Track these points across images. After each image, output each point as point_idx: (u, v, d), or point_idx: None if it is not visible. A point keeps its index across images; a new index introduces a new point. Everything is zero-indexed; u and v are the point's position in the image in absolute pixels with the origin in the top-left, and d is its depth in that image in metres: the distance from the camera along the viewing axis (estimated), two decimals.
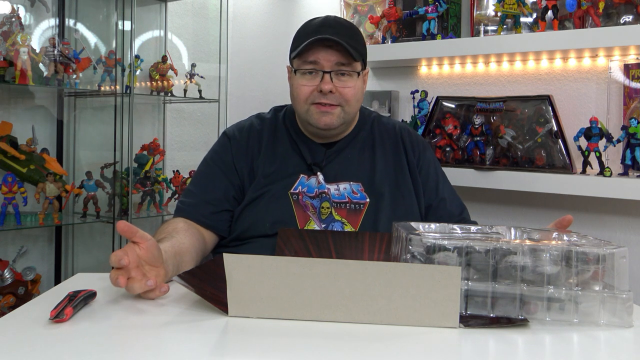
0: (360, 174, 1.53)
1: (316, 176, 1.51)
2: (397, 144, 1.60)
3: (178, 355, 0.89)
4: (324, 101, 1.46)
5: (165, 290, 1.10)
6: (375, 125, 1.62)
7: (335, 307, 1.00)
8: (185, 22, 2.98)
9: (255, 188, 1.50)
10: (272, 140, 1.56)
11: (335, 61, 1.46)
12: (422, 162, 1.59)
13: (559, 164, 1.86)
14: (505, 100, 1.98)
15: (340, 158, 1.55)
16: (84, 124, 2.67)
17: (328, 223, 1.47)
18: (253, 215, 1.48)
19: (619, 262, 1.03)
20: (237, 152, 1.55)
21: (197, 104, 2.93)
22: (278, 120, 1.60)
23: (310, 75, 1.47)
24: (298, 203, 1.48)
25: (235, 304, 1.01)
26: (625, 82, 1.83)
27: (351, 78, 1.48)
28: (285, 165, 1.52)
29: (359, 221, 1.48)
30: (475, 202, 2.18)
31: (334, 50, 1.45)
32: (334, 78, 1.46)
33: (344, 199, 1.49)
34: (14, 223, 2.23)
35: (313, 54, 1.46)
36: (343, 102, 1.48)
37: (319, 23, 1.50)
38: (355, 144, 1.57)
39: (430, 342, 0.95)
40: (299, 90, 1.49)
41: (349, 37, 1.47)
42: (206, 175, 1.55)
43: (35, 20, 2.49)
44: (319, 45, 1.45)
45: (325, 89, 1.45)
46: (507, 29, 1.99)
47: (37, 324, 0.97)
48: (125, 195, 2.52)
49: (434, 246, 1.04)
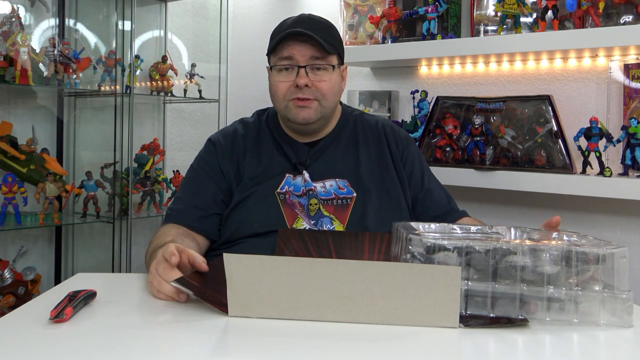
0: (345, 170, 1.55)
1: (302, 175, 1.53)
2: (381, 140, 1.61)
3: (178, 355, 0.89)
4: (301, 96, 1.49)
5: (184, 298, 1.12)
6: (359, 122, 1.64)
7: (336, 307, 1.00)
8: (185, 22, 2.98)
9: (241, 190, 1.52)
10: (256, 143, 1.59)
11: (310, 55, 1.49)
12: (406, 156, 1.61)
13: (559, 164, 1.86)
14: (505, 100, 1.98)
15: (324, 156, 1.57)
16: (84, 124, 2.67)
17: (317, 219, 1.48)
18: (241, 217, 1.50)
19: (619, 262, 1.03)
20: (222, 156, 1.57)
21: (197, 104, 2.93)
22: (261, 123, 1.63)
23: (287, 71, 1.50)
24: (285, 202, 1.50)
25: (235, 304, 1.01)
26: (625, 82, 1.83)
27: (326, 72, 1.51)
28: (271, 166, 1.54)
29: (347, 216, 1.50)
30: (475, 202, 2.18)
31: (308, 44, 1.48)
32: (309, 72, 1.49)
33: (330, 196, 1.51)
34: (14, 223, 2.23)
35: (287, 49, 1.49)
36: (319, 96, 1.50)
37: (293, 20, 1.54)
38: (338, 142, 1.59)
39: (430, 342, 0.95)
40: (276, 87, 1.52)
41: (322, 31, 1.51)
42: (193, 181, 1.57)
43: (35, 20, 2.49)
44: (293, 40, 1.48)
45: (300, 83, 1.48)
46: (507, 29, 1.98)
47: (37, 324, 0.97)
48: (125, 195, 2.52)
49: (434, 246, 1.04)
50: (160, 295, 1.12)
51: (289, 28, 1.50)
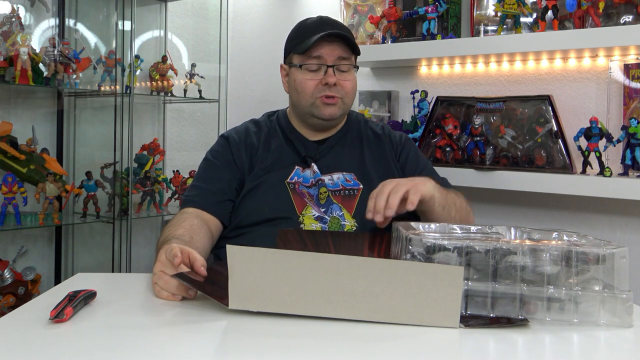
0: (352, 165, 1.62)
1: (310, 167, 1.59)
2: (382, 141, 1.69)
3: (178, 356, 0.89)
4: (329, 93, 1.57)
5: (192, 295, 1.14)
6: (362, 124, 1.73)
7: (337, 302, 1.00)
8: (185, 22, 2.98)
9: (252, 178, 1.58)
10: (268, 138, 1.66)
11: (337, 55, 1.57)
12: (400, 151, 1.69)
13: (559, 164, 1.86)
14: (505, 100, 1.98)
15: (332, 152, 1.64)
16: (84, 124, 2.67)
17: (327, 207, 1.54)
18: (251, 204, 1.55)
19: (619, 262, 1.03)
20: (236, 150, 1.63)
21: (197, 104, 2.93)
22: (272, 122, 1.71)
23: (314, 70, 1.58)
24: (295, 191, 1.56)
25: (236, 296, 1.01)
26: (625, 82, 1.83)
27: (349, 72, 1.60)
28: (281, 158, 1.61)
29: (354, 206, 1.55)
30: (475, 202, 2.17)
31: (336, 45, 1.56)
32: (335, 72, 1.57)
33: (338, 187, 1.58)
34: (14, 223, 2.23)
35: (317, 49, 1.56)
36: (344, 94, 1.59)
37: (317, 21, 1.62)
38: (344, 141, 1.67)
39: (430, 342, 0.95)
40: (304, 85, 1.58)
41: (347, 32, 1.61)
42: (208, 170, 1.63)
43: (35, 20, 2.49)
44: (323, 41, 1.56)
45: (330, 82, 1.55)
46: (507, 29, 1.99)
47: (37, 324, 0.97)
48: (125, 195, 2.52)
49: (434, 246, 1.04)
50: (163, 294, 1.12)
51: (317, 29, 1.57)
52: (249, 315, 1.02)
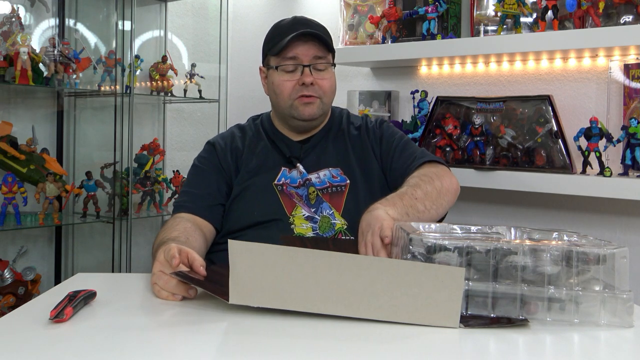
0: (337, 159, 1.63)
1: (296, 168, 1.60)
2: (361, 135, 1.67)
3: (178, 356, 0.89)
4: (306, 93, 1.56)
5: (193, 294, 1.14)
6: (345, 118, 1.72)
7: (337, 300, 1.00)
8: (185, 22, 2.97)
9: (239, 182, 1.59)
10: (253, 142, 1.67)
11: (313, 55, 1.57)
12: (381, 136, 1.65)
13: (559, 164, 1.86)
14: (505, 100, 1.98)
15: (316, 150, 1.64)
16: (84, 124, 2.67)
17: (317, 206, 1.54)
18: (241, 208, 1.56)
19: (619, 262, 1.02)
20: (222, 155, 1.65)
21: (197, 104, 2.93)
22: (256, 126, 1.72)
23: (290, 71, 1.58)
24: (283, 192, 1.56)
25: (237, 291, 1.01)
26: (625, 82, 1.83)
27: (327, 71, 1.60)
28: (266, 161, 1.62)
29: (342, 203, 1.55)
30: (475, 202, 2.18)
31: (310, 44, 1.56)
32: (312, 71, 1.57)
33: (325, 185, 1.58)
34: (14, 223, 2.23)
35: (292, 49, 1.56)
36: (321, 93, 1.59)
37: (291, 21, 1.63)
38: (328, 137, 1.67)
39: (430, 342, 0.95)
40: (282, 87, 1.59)
41: (322, 31, 1.61)
42: (197, 176, 1.65)
43: (35, 20, 2.49)
44: (297, 41, 1.56)
45: (307, 81, 1.55)
46: (507, 29, 1.98)
47: (37, 324, 0.97)
48: (125, 195, 2.52)
49: (435, 246, 1.04)
50: (163, 294, 1.12)
51: (290, 29, 1.56)
52: (249, 316, 1.02)
